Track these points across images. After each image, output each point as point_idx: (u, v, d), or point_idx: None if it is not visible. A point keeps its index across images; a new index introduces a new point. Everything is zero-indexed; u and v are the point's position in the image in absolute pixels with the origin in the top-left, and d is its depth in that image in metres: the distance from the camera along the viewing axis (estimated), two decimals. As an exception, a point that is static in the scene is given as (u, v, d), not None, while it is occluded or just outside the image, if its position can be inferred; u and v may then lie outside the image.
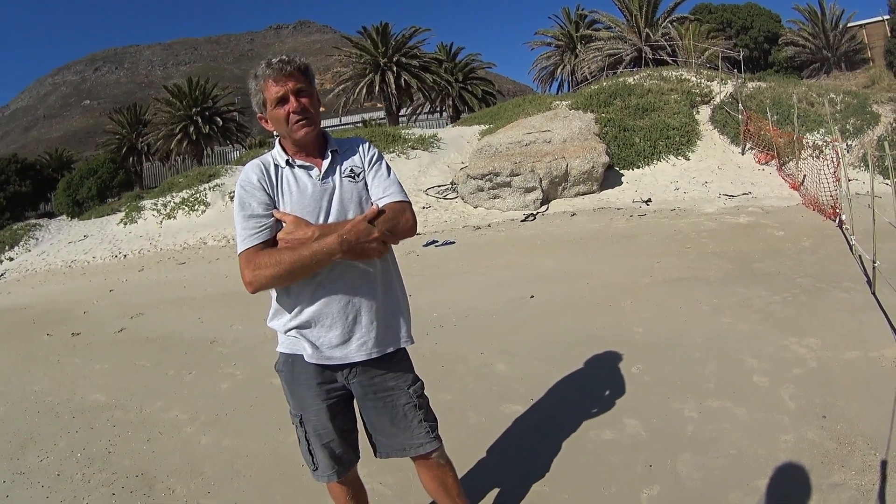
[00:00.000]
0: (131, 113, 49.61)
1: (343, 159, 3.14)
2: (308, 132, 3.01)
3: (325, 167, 3.06)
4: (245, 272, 2.87)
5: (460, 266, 11.97)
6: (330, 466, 3.29)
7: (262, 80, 2.97)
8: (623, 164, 21.35)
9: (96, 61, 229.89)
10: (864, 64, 51.08)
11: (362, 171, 3.15)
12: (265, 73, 2.96)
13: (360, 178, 3.12)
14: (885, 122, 21.04)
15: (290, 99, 2.95)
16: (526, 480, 4.41)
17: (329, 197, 3.03)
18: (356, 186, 3.09)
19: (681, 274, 9.53)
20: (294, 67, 2.96)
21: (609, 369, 6.21)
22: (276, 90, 2.95)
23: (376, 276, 3.08)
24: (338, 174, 3.09)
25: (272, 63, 2.96)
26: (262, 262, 2.84)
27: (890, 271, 7.29)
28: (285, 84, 2.94)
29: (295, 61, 2.98)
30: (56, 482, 5.16)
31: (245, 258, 2.89)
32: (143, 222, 23.69)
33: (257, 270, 2.84)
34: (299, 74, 2.98)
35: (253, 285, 2.87)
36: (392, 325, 3.16)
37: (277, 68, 2.94)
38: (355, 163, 3.16)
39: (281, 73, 2.94)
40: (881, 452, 4.29)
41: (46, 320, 11.52)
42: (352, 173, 3.11)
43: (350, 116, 55.61)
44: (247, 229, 2.93)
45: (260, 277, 2.84)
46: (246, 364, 7.58)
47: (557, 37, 55.13)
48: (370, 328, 3.07)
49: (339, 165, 3.11)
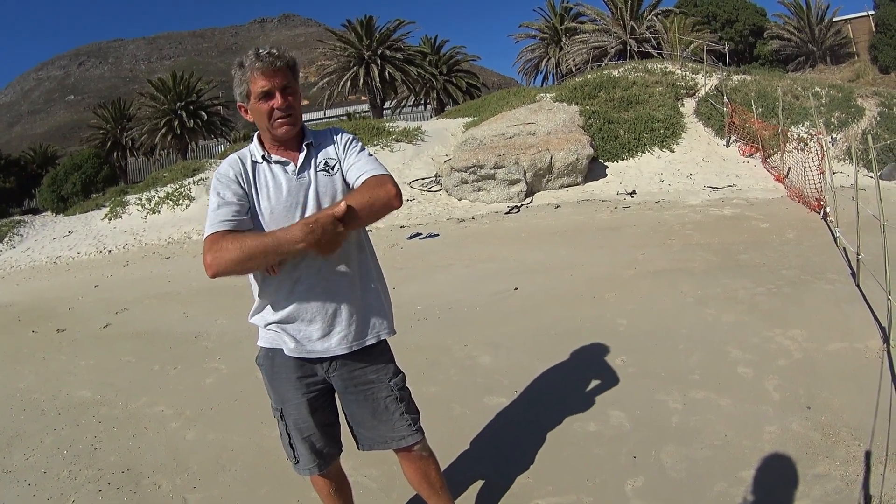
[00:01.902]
0: (115, 108, 49.48)
1: (317, 152, 3.10)
2: (289, 130, 2.98)
3: (301, 161, 3.03)
4: (207, 255, 2.75)
5: (444, 258, 11.96)
6: (311, 460, 3.29)
7: (250, 71, 2.90)
8: (608, 156, 21.40)
9: (80, 56, 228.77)
10: (848, 58, 51.48)
11: (337, 161, 3.10)
12: (253, 65, 2.89)
13: (335, 171, 3.07)
14: (869, 116, 21.18)
15: (276, 95, 2.90)
16: (510, 472, 4.42)
17: (305, 192, 2.99)
18: (331, 179, 3.05)
19: (665, 266, 9.55)
20: (283, 63, 2.90)
21: (593, 361, 6.22)
22: (262, 84, 2.89)
23: (355, 270, 3.06)
24: (312, 168, 3.05)
25: (261, 55, 2.88)
26: (224, 245, 2.73)
27: (874, 263, 7.31)
28: (273, 79, 2.88)
29: (285, 56, 2.91)
30: (42, 480, 5.13)
31: (209, 241, 2.79)
32: (128, 217, 23.55)
33: (218, 253, 2.72)
34: (287, 70, 2.93)
35: (213, 268, 2.75)
36: (372, 318, 3.15)
37: (267, 62, 2.87)
38: (329, 154, 3.11)
39: (270, 67, 2.87)
40: (865, 443, 4.31)
41: (31, 317, 11.45)
42: (326, 166, 3.07)
43: (334, 109, 55.70)
44: (217, 216, 2.85)
45: (220, 261, 2.72)
46: (230, 359, 7.55)
47: (542, 29, 55.26)
48: (350, 321, 3.06)
49: (313, 159, 3.07)
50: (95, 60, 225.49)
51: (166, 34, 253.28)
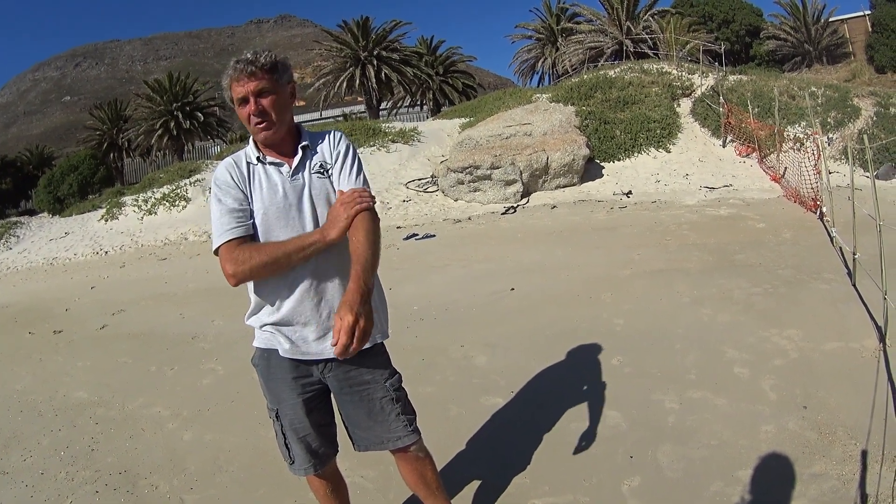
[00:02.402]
0: (112, 109, 49.57)
1: (313, 154, 3.11)
2: (267, 135, 2.99)
3: (295, 163, 3.05)
4: (227, 265, 2.84)
5: (441, 259, 11.96)
6: (306, 460, 3.29)
7: (228, 78, 2.95)
8: (604, 156, 21.42)
9: (76, 56, 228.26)
10: (845, 58, 51.51)
11: (331, 165, 3.11)
12: (230, 73, 2.93)
13: (329, 174, 3.09)
14: (865, 116, 21.19)
15: (249, 100, 2.91)
16: (506, 472, 4.42)
17: (299, 194, 3.01)
18: (325, 182, 3.07)
19: (661, 266, 9.56)
20: (257, 67, 2.90)
21: (589, 361, 6.22)
22: (238, 90, 2.92)
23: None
24: (307, 170, 3.07)
25: (238, 61, 2.92)
26: (243, 254, 2.82)
27: (870, 263, 7.33)
28: (246, 85, 2.90)
29: (259, 60, 2.91)
30: (40, 481, 5.13)
31: (226, 251, 2.87)
32: (124, 218, 23.51)
33: (240, 263, 2.81)
34: (263, 74, 2.91)
35: (236, 277, 2.84)
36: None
37: (240, 68, 2.89)
38: (325, 157, 3.12)
39: (242, 73, 2.89)
40: (862, 442, 4.32)
41: (28, 318, 11.44)
42: (321, 168, 3.08)
43: (331, 110, 55.78)
44: (223, 224, 2.91)
45: (244, 269, 2.82)
46: (227, 359, 7.55)
47: (538, 30, 55.30)
48: None
49: (308, 161, 3.09)
50: (92, 61, 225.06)
51: (163, 35, 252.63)
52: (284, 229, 2.96)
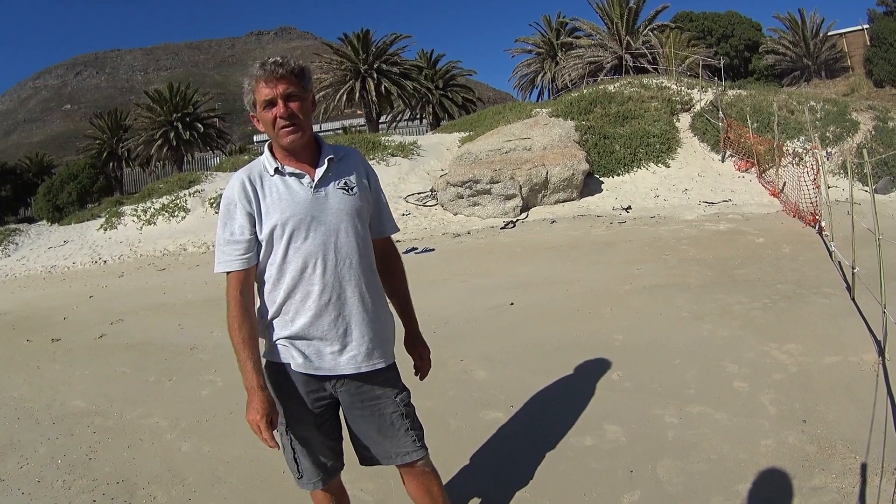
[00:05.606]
0: (112, 118, 49.64)
1: (338, 169, 3.09)
2: (294, 139, 2.94)
3: (320, 175, 3.01)
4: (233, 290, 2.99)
5: (440, 273, 11.96)
6: (315, 474, 3.27)
7: (254, 80, 2.91)
8: (603, 171, 21.49)
9: (77, 66, 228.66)
10: (843, 72, 51.59)
11: (356, 186, 3.10)
12: (257, 74, 2.89)
13: (354, 192, 3.07)
14: (864, 130, 21.28)
15: (278, 103, 2.88)
16: (507, 487, 4.41)
17: (321, 207, 2.97)
18: (350, 199, 3.04)
19: (661, 281, 9.57)
20: (287, 70, 2.88)
21: (589, 376, 6.21)
22: (265, 92, 2.88)
23: (366, 291, 3.04)
24: (332, 185, 3.04)
25: (266, 63, 2.89)
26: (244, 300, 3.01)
27: (869, 277, 7.35)
28: (275, 87, 2.86)
29: (289, 63, 2.90)
30: (37, 489, 5.11)
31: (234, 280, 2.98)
32: (124, 228, 23.55)
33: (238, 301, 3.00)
34: (292, 77, 2.90)
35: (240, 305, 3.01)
36: (382, 341, 3.15)
37: (269, 70, 2.86)
38: (351, 176, 3.11)
39: (272, 76, 2.86)
40: (861, 456, 4.32)
41: (26, 326, 11.42)
42: (346, 185, 3.06)
43: (330, 123, 55.89)
44: (227, 254, 2.96)
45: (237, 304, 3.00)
46: (226, 371, 7.52)
47: (538, 44, 55.47)
48: (361, 342, 3.04)
49: (333, 174, 3.06)
50: (92, 70, 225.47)
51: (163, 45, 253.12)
52: (305, 242, 2.95)
